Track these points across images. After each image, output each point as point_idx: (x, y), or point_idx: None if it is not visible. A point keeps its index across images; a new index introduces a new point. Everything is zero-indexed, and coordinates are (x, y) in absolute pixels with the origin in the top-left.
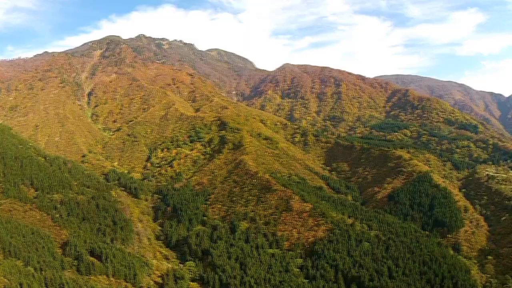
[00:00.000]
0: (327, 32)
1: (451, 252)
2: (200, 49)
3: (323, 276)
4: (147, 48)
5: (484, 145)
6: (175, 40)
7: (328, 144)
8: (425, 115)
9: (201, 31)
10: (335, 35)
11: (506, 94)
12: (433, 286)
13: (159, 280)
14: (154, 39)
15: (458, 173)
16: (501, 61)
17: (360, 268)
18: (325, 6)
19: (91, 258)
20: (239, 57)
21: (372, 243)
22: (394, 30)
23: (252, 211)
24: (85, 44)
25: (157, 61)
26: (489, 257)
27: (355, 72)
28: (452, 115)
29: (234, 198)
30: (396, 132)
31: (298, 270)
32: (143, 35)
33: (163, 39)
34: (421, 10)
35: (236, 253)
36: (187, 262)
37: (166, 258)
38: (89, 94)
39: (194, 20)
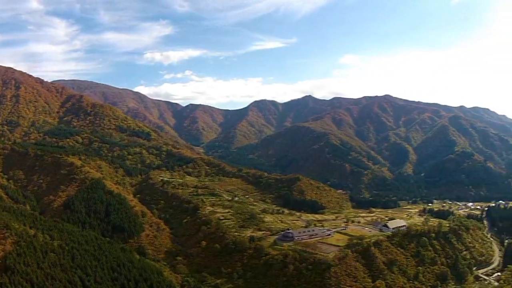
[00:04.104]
0: (17, 32)
1: (137, 256)
2: None
3: None
4: None
5: (158, 152)
6: None
7: (4, 151)
8: (97, 121)
9: None
10: (24, 35)
11: (183, 104)
12: None
13: None
14: None
15: (132, 179)
16: (180, 72)
17: (53, 280)
18: (25, 3)
19: None
20: None
21: (58, 253)
22: (79, 35)
23: None
24: None
25: None
26: (178, 257)
27: (36, 75)
28: (125, 122)
29: None
30: (69, 138)
31: None
32: None
33: None
34: (112, 17)
35: None
36: None
37: None
38: None
39: None
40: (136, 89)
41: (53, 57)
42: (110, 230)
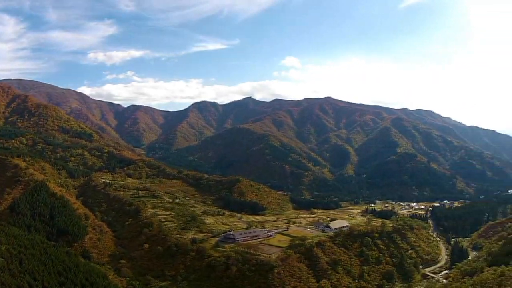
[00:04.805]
0: None
1: (82, 260)
2: None
3: None
4: None
5: (99, 153)
6: None
7: None
8: (41, 122)
9: None
10: None
11: (125, 105)
12: None
13: None
14: None
15: (74, 181)
16: (122, 73)
17: (3, 285)
18: None
19: None
20: None
21: (6, 258)
22: (27, 33)
23: None
24: None
25: None
26: (122, 261)
27: None
28: (68, 123)
29: None
30: (14, 139)
31: None
32: None
33: None
34: (59, 16)
35: None
36: None
37: None
38: None
39: None
40: (80, 89)
41: (0, 55)
42: (55, 233)
